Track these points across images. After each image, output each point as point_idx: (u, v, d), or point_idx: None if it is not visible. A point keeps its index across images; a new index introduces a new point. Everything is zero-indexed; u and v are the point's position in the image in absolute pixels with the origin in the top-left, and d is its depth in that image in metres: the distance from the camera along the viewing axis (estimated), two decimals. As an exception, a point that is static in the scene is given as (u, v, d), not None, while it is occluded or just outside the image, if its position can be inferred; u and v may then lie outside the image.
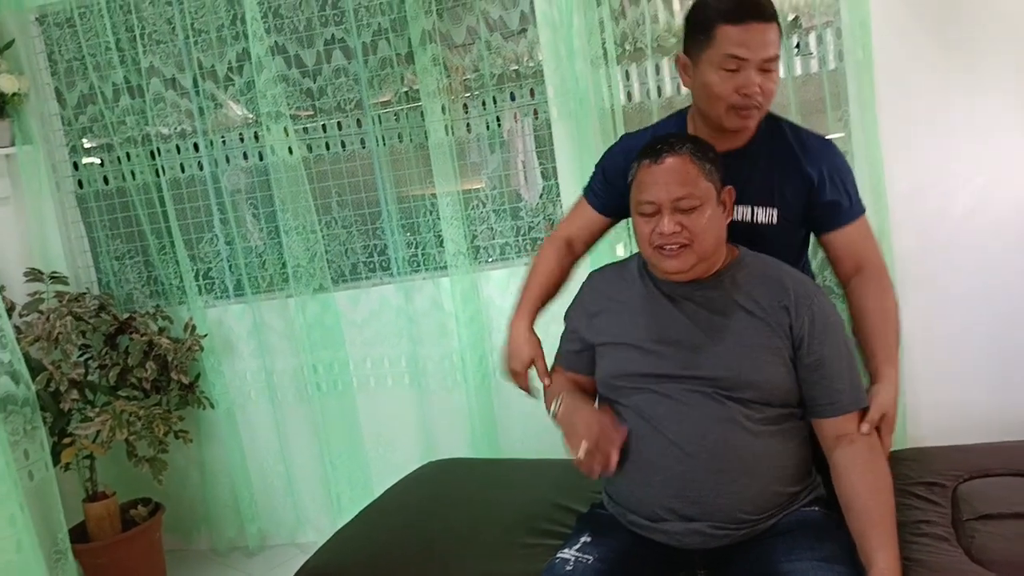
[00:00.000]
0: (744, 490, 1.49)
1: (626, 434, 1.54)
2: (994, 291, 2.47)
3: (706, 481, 1.48)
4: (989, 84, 2.38)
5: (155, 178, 3.03)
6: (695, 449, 1.49)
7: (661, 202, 1.49)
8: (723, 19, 1.52)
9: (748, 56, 1.52)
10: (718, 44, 1.53)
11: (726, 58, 1.53)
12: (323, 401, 3.05)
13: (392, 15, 2.82)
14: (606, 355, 1.64)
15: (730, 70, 1.53)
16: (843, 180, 1.68)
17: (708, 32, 1.54)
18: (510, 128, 2.90)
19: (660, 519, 1.53)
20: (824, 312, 1.54)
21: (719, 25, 1.52)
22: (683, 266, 1.52)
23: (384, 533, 1.97)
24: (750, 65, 1.52)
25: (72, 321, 2.79)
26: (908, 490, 1.82)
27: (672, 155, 1.50)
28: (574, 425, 1.56)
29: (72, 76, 3.09)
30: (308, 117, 2.99)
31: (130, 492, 3.04)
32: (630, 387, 1.58)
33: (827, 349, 1.52)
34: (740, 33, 1.51)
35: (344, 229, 3.05)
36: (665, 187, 1.48)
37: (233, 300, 3.13)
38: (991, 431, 2.15)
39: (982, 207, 2.44)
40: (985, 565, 1.50)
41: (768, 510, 1.51)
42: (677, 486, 1.50)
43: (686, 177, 1.48)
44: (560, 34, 2.64)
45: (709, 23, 1.54)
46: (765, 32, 1.52)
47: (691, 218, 1.48)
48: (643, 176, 1.53)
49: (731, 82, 1.54)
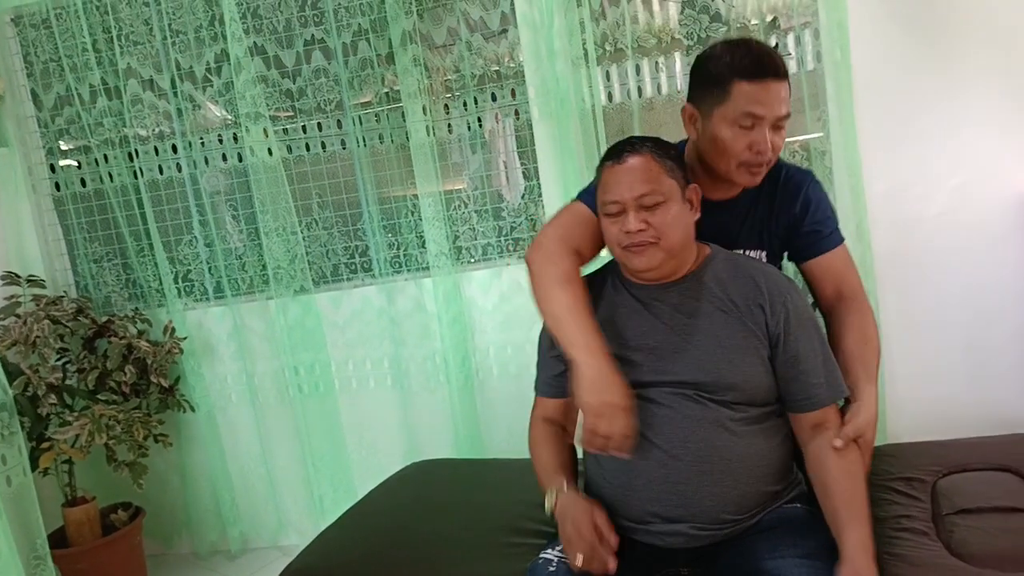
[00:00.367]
0: (729, 491, 1.49)
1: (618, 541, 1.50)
2: (971, 289, 2.50)
3: (690, 483, 1.49)
4: (965, 84, 2.41)
5: (133, 180, 3.01)
6: (679, 452, 1.49)
7: (625, 200, 1.50)
8: (740, 75, 1.50)
9: (764, 113, 1.51)
10: (734, 100, 1.51)
11: (742, 115, 1.52)
12: (305, 403, 3.04)
13: (372, 16, 2.82)
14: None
15: (745, 127, 1.52)
16: (823, 210, 1.69)
17: (723, 87, 1.52)
18: (491, 129, 2.90)
19: (644, 521, 1.53)
20: (798, 308, 1.55)
21: (736, 81, 1.51)
22: (651, 263, 1.52)
23: (367, 534, 1.97)
24: (765, 123, 1.52)
25: (50, 325, 2.76)
26: (888, 486, 1.84)
27: (633, 154, 1.51)
28: (567, 533, 1.52)
29: (48, 78, 3.06)
30: (288, 118, 2.98)
31: (110, 496, 3.02)
32: None
33: (802, 344, 1.53)
34: (758, 91, 1.50)
35: (325, 230, 3.04)
36: (628, 185, 1.49)
37: (213, 302, 3.11)
38: (969, 426, 2.18)
39: (958, 206, 2.47)
40: (964, 559, 1.51)
41: (752, 509, 1.52)
42: (660, 489, 1.50)
43: (648, 174, 1.49)
44: (541, 35, 2.65)
45: (725, 79, 1.52)
46: (780, 90, 1.52)
47: (656, 215, 1.49)
48: (607, 177, 1.53)
49: (745, 139, 1.53)
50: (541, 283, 1.60)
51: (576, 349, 1.50)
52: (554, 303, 1.56)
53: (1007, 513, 1.64)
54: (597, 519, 1.51)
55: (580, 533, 1.49)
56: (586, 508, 1.53)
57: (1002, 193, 2.45)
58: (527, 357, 2.81)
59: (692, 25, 2.60)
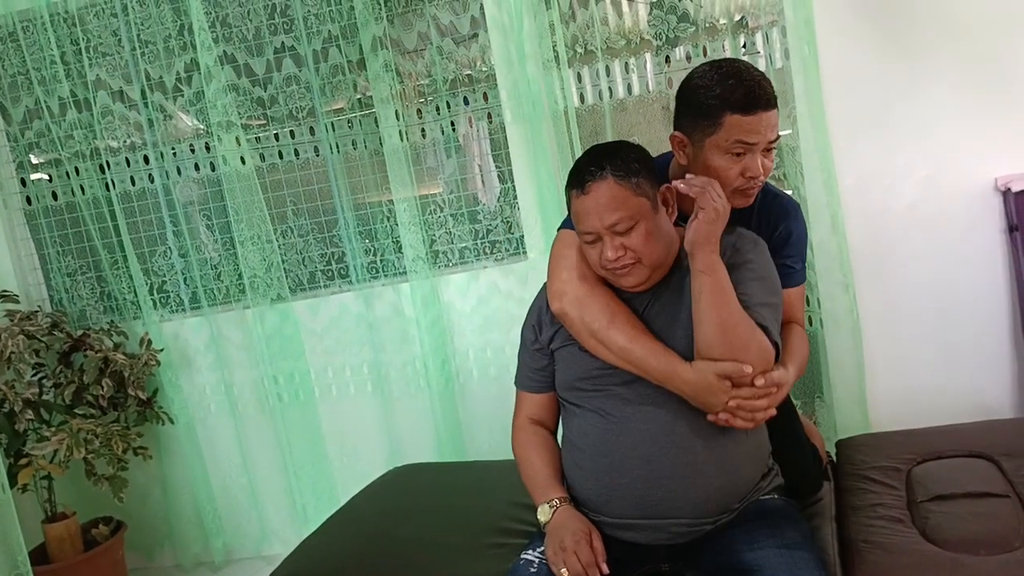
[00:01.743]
0: (711, 481, 1.50)
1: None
2: (943, 278, 2.54)
3: (672, 478, 1.49)
4: (931, 77, 2.45)
5: (105, 192, 2.99)
6: (662, 448, 1.49)
7: (597, 231, 1.49)
8: (732, 109, 1.52)
9: (756, 141, 1.53)
10: (726, 131, 1.53)
11: (734, 143, 1.53)
12: (285, 412, 3.03)
13: (342, 22, 2.82)
14: (564, 358, 1.63)
15: (737, 154, 1.54)
16: (798, 248, 1.71)
17: (715, 119, 1.53)
18: (465, 133, 2.91)
19: (625, 518, 1.54)
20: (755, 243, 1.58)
21: (728, 114, 1.52)
22: (639, 280, 1.52)
23: (350, 540, 1.97)
24: (757, 149, 1.55)
25: (24, 340, 2.74)
26: (863, 474, 1.87)
27: (595, 182, 1.48)
28: (562, 545, 1.50)
29: (17, 91, 3.03)
30: (260, 126, 2.97)
31: (91, 511, 2.99)
32: (591, 389, 1.58)
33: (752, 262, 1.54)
34: (750, 122, 1.52)
35: (300, 238, 3.03)
36: (597, 215, 1.48)
37: (189, 313, 3.09)
38: (943, 414, 2.21)
39: (928, 197, 2.51)
40: (939, 544, 1.54)
41: (734, 502, 1.53)
42: (643, 489, 1.51)
43: (614, 202, 1.47)
44: (511, 38, 2.66)
45: (716, 111, 1.53)
46: (771, 118, 1.54)
47: (630, 238, 1.48)
48: (576, 207, 1.52)
49: (737, 166, 1.55)
50: (589, 332, 1.56)
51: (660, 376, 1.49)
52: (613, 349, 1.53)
53: (980, 498, 1.67)
54: (595, 542, 1.51)
55: (577, 552, 1.47)
56: (585, 529, 1.52)
57: (970, 183, 2.49)
58: (507, 359, 2.84)
59: (661, 26, 2.62)
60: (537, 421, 1.71)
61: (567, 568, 1.46)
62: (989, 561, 1.46)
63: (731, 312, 1.44)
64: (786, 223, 1.70)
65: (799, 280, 1.73)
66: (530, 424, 1.71)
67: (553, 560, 1.50)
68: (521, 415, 1.73)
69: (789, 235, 1.70)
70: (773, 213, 1.71)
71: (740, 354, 1.43)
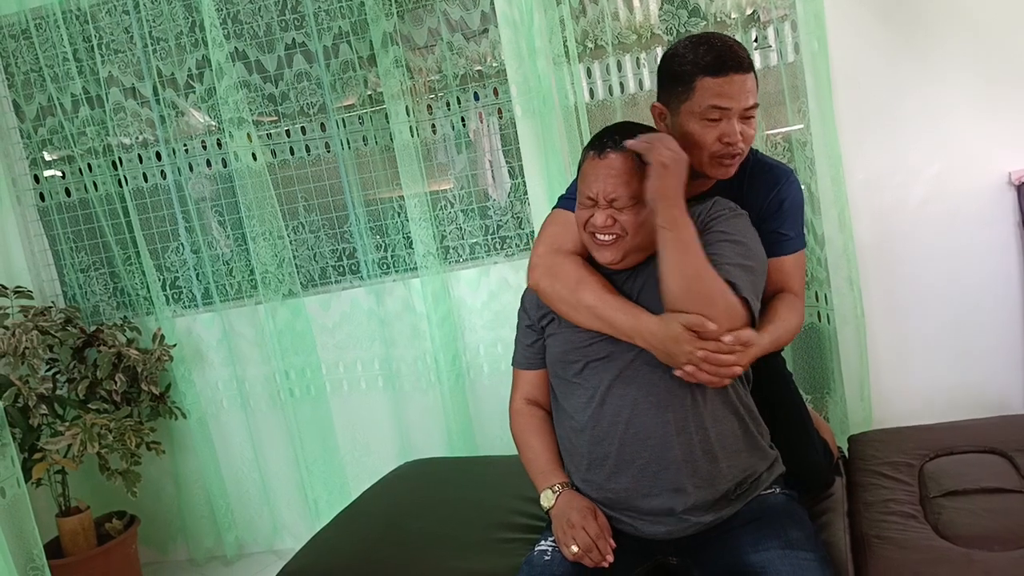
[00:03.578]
0: (714, 465, 1.51)
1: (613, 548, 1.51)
2: (953, 275, 2.53)
3: (673, 462, 1.50)
4: (942, 73, 2.44)
5: (118, 188, 3.01)
6: (660, 433, 1.50)
7: (596, 197, 1.51)
8: (703, 72, 1.54)
9: (730, 106, 1.54)
10: (699, 96, 1.55)
11: (708, 109, 1.54)
12: (296, 407, 3.04)
13: (352, 18, 2.82)
14: (555, 333, 1.65)
15: (712, 120, 1.55)
16: (792, 214, 1.69)
17: (688, 84, 1.55)
18: (475, 128, 2.91)
19: (630, 510, 1.55)
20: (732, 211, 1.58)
21: (700, 78, 1.54)
22: (614, 257, 1.54)
23: (361, 535, 1.98)
24: (732, 114, 1.55)
25: (38, 335, 2.76)
26: (876, 470, 1.87)
27: (615, 151, 1.50)
28: (569, 523, 1.53)
29: (30, 88, 3.05)
30: (271, 122, 2.98)
31: (104, 506, 3.02)
32: (583, 362, 1.58)
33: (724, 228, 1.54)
34: (721, 85, 1.53)
35: (312, 234, 3.04)
36: (603, 183, 1.50)
37: (202, 309, 3.11)
38: (955, 410, 2.21)
39: (939, 193, 2.50)
40: (952, 540, 1.54)
41: (731, 485, 1.52)
42: (648, 477, 1.52)
43: (623, 176, 1.49)
44: (521, 33, 2.66)
45: (689, 76, 1.56)
46: (745, 82, 1.55)
47: (624, 215, 1.50)
48: (587, 168, 1.54)
49: (713, 131, 1.56)
50: (559, 298, 1.60)
51: (628, 329, 1.50)
52: (582, 310, 1.56)
53: (993, 494, 1.67)
54: (600, 518, 1.55)
55: (584, 527, 1.51)
56: (589, 506, 1.57)
57: (981, 180, 2.48)
58: (517, 354, 2.84)
59: (671, 20, 2.61)
60: (533, 401, 1.74)
61: (577, 543, 1.49)
62: (1002, 557, 1.46)
63: (695, 266, 1.42)
64: (777, 190, 1.68)
65: (794, 248, 1.69)
66: (527, 406, 1.74)
67: (562, 539, 1.53)
68: (517, 396, 1.75)
69: (781, 203, 1.68)
70: (764, 181, 1.69)
71: (706, 307, 1.41)
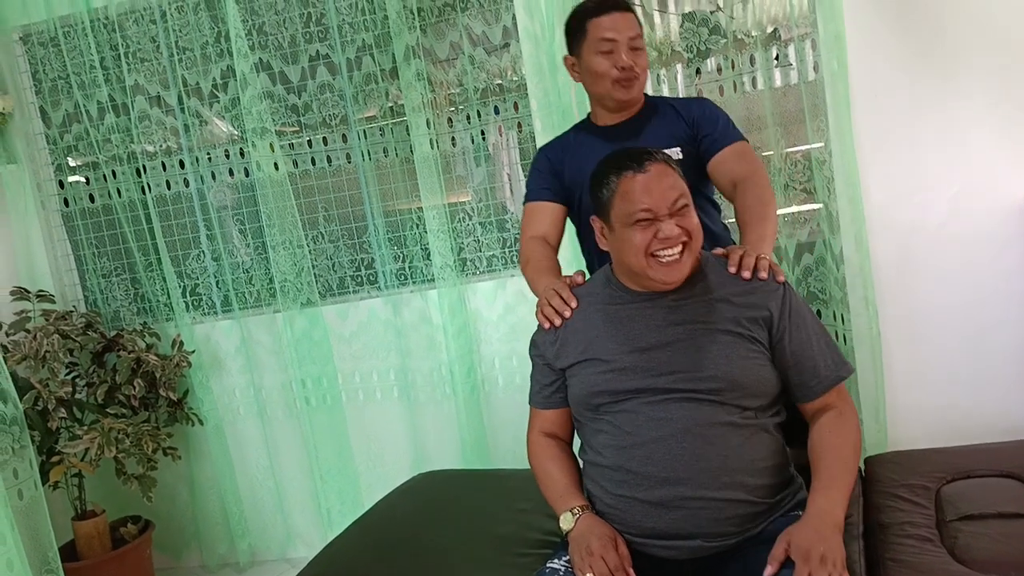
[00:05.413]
0: (735, 494, 1.49)
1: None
2: (972, 296, 2.50)
3: (695, 492, 1.48)
4: (961, 93, 2.42)
5: (141, 195, 3.04)
6: (682, 461, 1.48)
7: (658, 208, 1.50)
8: (591, 15, 1.90)
9: (617, 37, 1.87)
10: (591, 35, 1.89)
11: (600, 42, 1.88)
12: (312, 416, 3.06)
13: (376, 31, 2.85)
14: (576, 375, 1.62)
15: (606, 52, 1.88)
16: (714, 117, 1.98)
17: (582, 27, 1.91)
18: (495, 141, 2.93)
19: (646, 533, 1.53)
20: (793, 296, 1.58)
21: (589, 20, 1.90)
22: (682, 274, 1.54)
23: (374, 545, 1.98)
24: (620, 45, 1.88)
25: (59, 339, 2.79)
26: (892, 492, 1.85)
27: (653, 162, 1.52)
28: (588, 549, 1.49)
29: (57, 95, 3.10)
30: (294, 133, 3.01)
31: (119, 510, 3.04)
32: (608, 403, 1.56)
33: (804, 332, 1.55)
34: (607, 21, 1.88)
35: (331, 243, 3.06)
36: (660, 192, 1.50)
37: (221, 316, 3.13)
38: (972, 434, 2.18)
39: (958, 214, 2.48)
40: (968, 564, 1.53)
41: (757, 514, 1.52)
42: (666, 503, 1.50)
43: (673, 180, 1.52)
44: (542, 48, 2.67)
45: (581, 21, 1.92)
46: (626, 18, 1.90)
47: (686, 219, 1.52)
48: (628, 187, 1.52)
49: (609, 60, 1.89)
50: (528, 278, 1.93)
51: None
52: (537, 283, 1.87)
53: (1010, 519, 1.65)
54: (621, 547, 1.50)
55: (604, 556, 1.47)
56: (611, 534, 1.52)
57: (1001, 201, 2.45)
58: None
59: (692, 38, 2.62)
60: (551, 435, 1.72)
61: (594, 572, 1.45)
62: (1018, 582, 1.45)
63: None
64: (689, 109, 2.00)
65: (732, 138, 1.95)
66: (543, 437, 1.72)
67: (579, 566, 1.48)
68: (535, 430, 1.74)
69: (702, 116, 1.97)
70: (680, 108, 2.00)
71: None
